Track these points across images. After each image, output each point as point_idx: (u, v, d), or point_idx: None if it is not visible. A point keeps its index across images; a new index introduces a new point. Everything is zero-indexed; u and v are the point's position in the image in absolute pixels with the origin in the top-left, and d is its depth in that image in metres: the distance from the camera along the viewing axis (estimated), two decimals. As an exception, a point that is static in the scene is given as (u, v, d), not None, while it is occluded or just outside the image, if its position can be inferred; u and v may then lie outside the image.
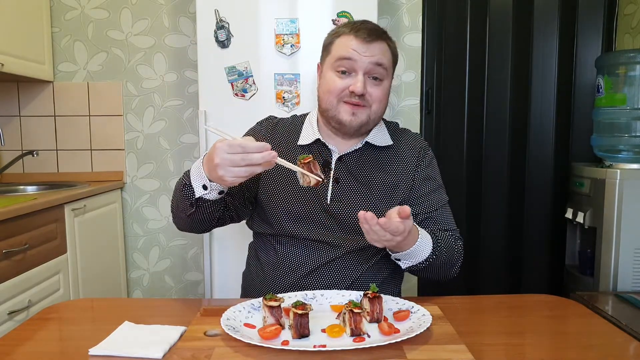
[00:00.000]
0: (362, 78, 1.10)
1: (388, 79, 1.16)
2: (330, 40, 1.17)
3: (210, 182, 1.00)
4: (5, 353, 0.85)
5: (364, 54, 1.10)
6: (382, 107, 1.16)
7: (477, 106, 2.48)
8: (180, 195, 1.07)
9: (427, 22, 2.47)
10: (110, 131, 2.54)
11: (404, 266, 1.08)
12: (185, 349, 0.82)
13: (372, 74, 1.12)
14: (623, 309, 1.56)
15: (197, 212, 1.07)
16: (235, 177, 0.92)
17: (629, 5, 2.34)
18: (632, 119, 2.03)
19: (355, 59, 1.10)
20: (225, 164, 0.90)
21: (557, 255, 2.44)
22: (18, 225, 1.69)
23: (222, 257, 2.08)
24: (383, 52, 1.12)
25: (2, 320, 1.61)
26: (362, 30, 1.11)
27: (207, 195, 1.03)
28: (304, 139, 1.21)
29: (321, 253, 1.15)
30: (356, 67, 1.11)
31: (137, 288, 2.63)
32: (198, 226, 1.16)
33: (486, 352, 0.83)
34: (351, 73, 1.12)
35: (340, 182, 1.17)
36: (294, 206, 1.17)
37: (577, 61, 2.45)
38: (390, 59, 1.15)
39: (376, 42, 1.11)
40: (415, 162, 1.21)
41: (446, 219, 1.19)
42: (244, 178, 0.93)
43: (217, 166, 0.91)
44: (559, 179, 2.45)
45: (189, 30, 2.48)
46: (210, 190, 1.01)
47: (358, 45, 1.10)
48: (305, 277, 1.14)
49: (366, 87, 1.11)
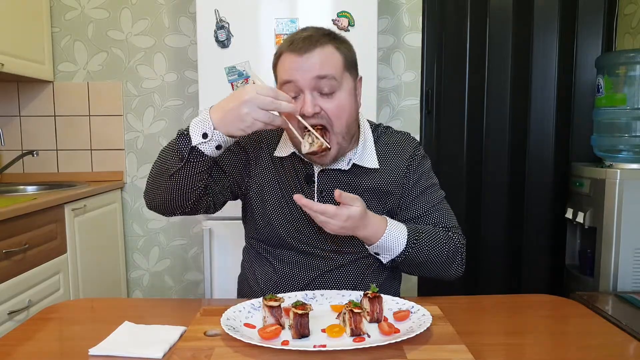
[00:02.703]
0: (309, 97, 1.01)
1: (342, 89, 1.04)
2: (274, 62, 1.08)
3: (213, 131, 0.96)
4: (5, 353, 0.85)
5: (304, 69, 1.01)
6: (345, 122, 1.05)
7: (477, 106, 2.49)
8: (169, 151, 1.02)
9: (427, 22, 2.47)
10: (110, 131, 2.54)
11: (384, 261, 1.08)
12: (185, 349, 0.82)
13: (320, 88, 1.02)
14: (623, 309, 1.56)
15: (183, 169, 1.00)
16: (256, 120, 0.94)
17: (629, 5, 2.34)
18: (632, 119, 2.03)
19: (295, 79, 1.01)
20: (254, 102, 0.92)
21: (557, 255, 2.45)
22: (18, 225, 1.69)
23: (222, 257, 2.08)
24: (325, 59, 1.01)
25: (2, 320, 1.61)
26: (297, 42, 1.02)
27: (203, 146, 0.98)
28: (280, 150, 1.15)
29: (315, 266, 1.13)
30: (300, 87, 1.02)
31: (137, 288, 2.63)
32: (175, 197, 1.05)
33: (486, 352, 0.83)
34: (298, 94, 1.03)
35: (324, 193, 1.12)
36: (282, 216, 1.14)
37: (577, 61, 2.45)
38: (340, 63, 1.04)
39: (314, 51, 1.01)
40: (406, 167, 1.15)
41: (444, 216, 1.15)
42: (263, 124, 0.95)
43: (245, 103, 0.92)
44: (559, 179, 2.46)
45: (189, 30, 2.48)
46: (210, 139, 0.97)
47: (295, 61, 1.01)
48: (303, 288, 1.11)
49: (318, 105, 1.02)
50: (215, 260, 2.09)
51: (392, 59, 2.49)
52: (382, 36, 2.44)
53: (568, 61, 2.44)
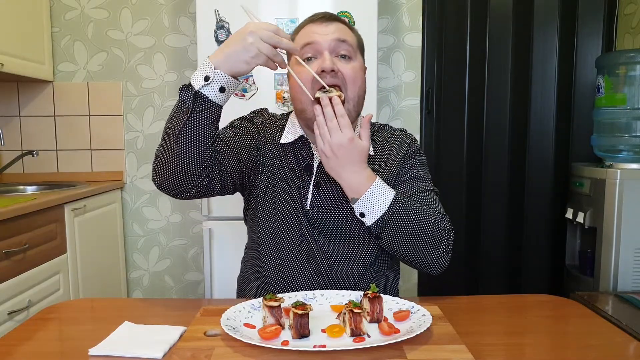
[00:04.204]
0: (328, 55, 1.07)
1: (357, 60, 1.12)
2: (292, 36, 1.15)
3: (214, 71, 0.96)
4: (5, 353, 0.85)
5: (324, 33, 1.09)
6: (358, 90, 1.11)
7: (477, 106, 2.49)
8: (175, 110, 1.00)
9: (427, 22, 2.47)
10: (110, 131, 2.54)
11: (369, 222, 1.04)
12: (185, 349, 0.82)
13: (338, 51, 1.09)
14: (623, 309, 1.56)
15: (189, 122, 0.97)
16: (260, 51, 0.94)
17: (629, 5, 2.34)
18: (632, 119, 2.03)
19: (317, 41, 1.08)
20: (258, 33, 0.94)
21: (557, 256, 2.45)
22: (18, 225, 1.69)
23: (222, 257, 2.08)
24: (344, 30, 1.11)
25: (2, 320, 1.61)
26: (317, 15, 1.12)
27: (206, 89, 0.96)
28: (286, 137, 1.16)
29: (317, 266, 1.13)
30: (320, 48, 1.08)
31: (137, 288, 2.63)
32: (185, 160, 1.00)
33: (486, 352, 0.83)
34: (317, 56, 1.09)
35: (321, 186, 1.13)
36: (277, 210, 1.14)
37: (577, 61, 2.45)
38: (355, 40, 1.13)
39: (334, 23, 1.11)
40: (402, 157, 1.17)
41: (431, 202, 1.12)
42: (265, 58, 0.95)
43: (250, 33, 0.94)
44: (559, 179, 2.46)
45: (189, 30, 2.48)
46: (212, 80, 0.96)
47: (317, 27, 1.10)
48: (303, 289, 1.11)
49: (335, 64, 1.07)
50: (215, 260, 2.09)
51: (392, 59, 2.49)
52: (382, 36, 2.44)
53: (568, 61, 2.44)
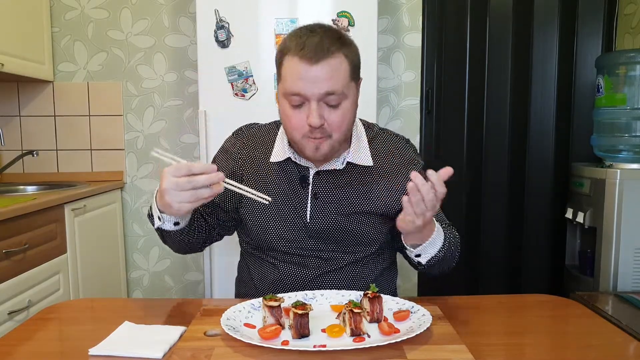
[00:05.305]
0: (315, 107, 1.00)
1: (347, 98, 1.04)
2: (279, 58, 1.05)
3: (161, 214, 0.99)
4: (5, 353, 0.85)
5: (313, 80, 0.99)
6: (343, 132, 1.06)
7: (477, 106, 2.48)
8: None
9: (427, 22, 2.47)
10: (110, 131, 2.54)
11: (424, 261, 1.05)
12: (185, 349, 0.82)
13: (326, 102, 1.02)
14: (623, 309, 1.56)
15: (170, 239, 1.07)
16: (181, 203, 0.90)
17: (629, 5, 2.34)
18: (632, 119, 2.03)
19: (304, 93, 1.00)
20: (171, 188, 0.89)
21: (557, 256, 2.45)
22: (18, 225, 1.69)
23: (222, 257, 2.08)
24: (334, 73, 1.00)
25: (2, 320, 1.61)
26: (307, 48, 0.99)
27: (163, 225, 1.01)
28: (276, 155, 1.15)
29: (311, 267, 1.13)
30: (307, 98, 1.01)
31: (137, 288, 2.63)
32: (183, 250, 1.15)
33: (486, 352, 0.83)
34: (304, 103, 1.02)
35: (319, 197, 1.12)
36: (273, 225, 1.13)
37: (577, 61, 2.45)
38: (348, 74, 1.03)
39: (324, 61, 0.98)
40: (404, 168, 1.15)
41: (440, 214, 1.15)
42: (191, 204, 0.91)
43: (165, 191, 0.89)
44: (559, 179, 2.46)
45: (189, 30, 2.48)
46: (164, 220, 1.00)
47: (305, 72, 0.99)
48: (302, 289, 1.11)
49: (323, 116, 1.02)
50: (215, 260, 2.09)
51: (392, 59, 2.49)
52: (382, 36, 2.44)
53: (568, 61, 2.44)
